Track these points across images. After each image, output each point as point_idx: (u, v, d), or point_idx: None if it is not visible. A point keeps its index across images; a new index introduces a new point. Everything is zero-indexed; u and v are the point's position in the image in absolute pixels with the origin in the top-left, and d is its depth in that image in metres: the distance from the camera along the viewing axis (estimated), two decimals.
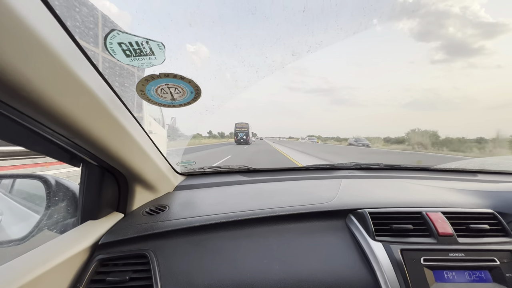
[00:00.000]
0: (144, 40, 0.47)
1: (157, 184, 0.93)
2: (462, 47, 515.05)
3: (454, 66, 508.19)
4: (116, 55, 0.49)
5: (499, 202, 0.83)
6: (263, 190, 1.03)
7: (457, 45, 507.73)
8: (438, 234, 0.69)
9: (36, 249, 0.58)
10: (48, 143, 0.56)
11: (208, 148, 19.08)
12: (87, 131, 0.50)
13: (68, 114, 0.44)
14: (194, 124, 0.90)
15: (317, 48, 0.64)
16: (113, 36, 0.45)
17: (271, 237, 0.73)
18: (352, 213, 0.79)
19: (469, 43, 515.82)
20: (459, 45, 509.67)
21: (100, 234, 0.69)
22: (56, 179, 0.76)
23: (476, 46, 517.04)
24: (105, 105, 0.52)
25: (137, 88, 0.59)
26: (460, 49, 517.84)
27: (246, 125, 29.22)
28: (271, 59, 0.69)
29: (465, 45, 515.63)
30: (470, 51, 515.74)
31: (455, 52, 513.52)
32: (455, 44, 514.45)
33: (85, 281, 0.60)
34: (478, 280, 0.62)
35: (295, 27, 0.89)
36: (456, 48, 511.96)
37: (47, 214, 0.72)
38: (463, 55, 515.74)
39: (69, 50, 0.43)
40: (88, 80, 0.46)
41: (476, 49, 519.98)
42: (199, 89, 0.63)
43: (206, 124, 19.26)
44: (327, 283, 0.62)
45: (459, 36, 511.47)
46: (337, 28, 0.60)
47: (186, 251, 0.69)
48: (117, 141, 0.61)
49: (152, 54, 0.50)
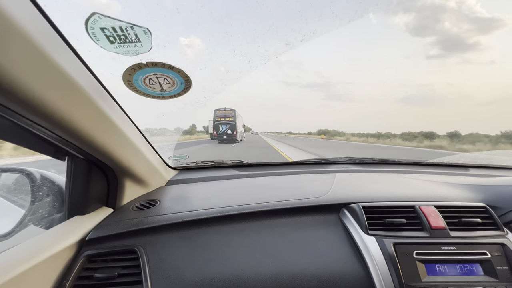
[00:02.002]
0: (128, 25, 0.44)
1: (148, 179, 0.91)
2: (457, 42, 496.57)
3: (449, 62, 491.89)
4: (99, 41, 0.46)
5: (491, 195, 0.83)
6: (256, 185, 1.02)
7: (452, 40, 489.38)
8: (430, 227, 0.69)
9: (20, 244, 0.56)
10: (29, 135, 0.53)
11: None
12: (68, 122, 0.48)
13: (45, 102, 0.41)
14: (186, 117, 0.87)
15: (311, 37, 0.63)
16: (95, 21, 0.42)
17: (264, 232, 0.72)
18: (345, 207, 0.79)
19: (464, 38, 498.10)
20: (454, 40, 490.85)
21: (88, 229, 0.67)
22: (41, 173, 0.73)
23: (471, 42, 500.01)
24: (88, 94, 0.49)
25: (123, 77, 0.57)
26: (456, 45, 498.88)
27: (232, 112, 18.96)
28: (264, 48, 0.67)
29: (461, 40, 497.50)
30: (465, 46, 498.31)
31: (450, 48, 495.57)
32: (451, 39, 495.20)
33: (72, 277, 0.58)
34: (469, 273, 0.63)
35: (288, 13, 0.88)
36: (452, 43, 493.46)
37: (32, 209, 0.69)
38: (458, 50, 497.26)
39: (47, 33, 0.41)
40: (68, 67, 0.44)
41: (471, 44, 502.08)
42: (189, 79, 0.61)
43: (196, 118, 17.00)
44: (319, 277, 0.61)
45: (454, 31, 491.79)
46: (332, 16, 0.58)
47: (177, 246, 0.67)
48: (102, 133, 0.59)
49: (138, 41, 0.47)
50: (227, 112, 19.03)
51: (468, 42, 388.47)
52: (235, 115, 18.78)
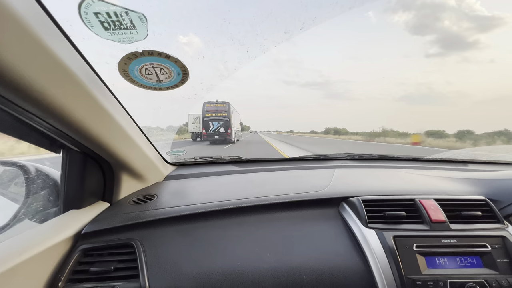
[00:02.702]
0: (123, 10, 0.42)
1: (146, 173, 0.90)
2: (457, 40, 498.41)
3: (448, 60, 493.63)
4: (93, 27, 0.44)
5: (491, 189, 0.83)
6: (255, 180, 1.01)
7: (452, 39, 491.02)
8: (430, 221, 0.68)
9: (14, 238, 0.55)
10: (22, 125, 0.52)
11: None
12: (60, 109, 0.46)
13: (35, 86, 0.40)
14: (182, 111, 0.85)
15: (311, 25, 0.61)
16: (88, 5, 0.40)
17: (262, 226, 0.72)
18: (345, 201, 0.78)
19: (464, 36, 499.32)
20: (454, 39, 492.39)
21: (84, 223, 0.66)
22: (35, 166, 0.72)
23: (471, 40, 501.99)
24: (81, 82, 0.48)
25: (119, 67, 0.55)
26: (455, 43, 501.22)
27: (226, 106, 14.76)
28: (263, 37, 0.66)
29: (460, 38, 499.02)
30: (465, 45, 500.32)
31: (450, 46, 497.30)
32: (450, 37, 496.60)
33: (67, 271, 0.57)
34: (469, 265, 0.62)
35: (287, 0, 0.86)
36: (451, 41, 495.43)
37: (27, 203, 0.68)
38: (458, 49, 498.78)
39: (41, 20, 0.39)
40: (61, 54, 0.42)
41: (471, 43, 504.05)
42: (187, 70, 0.59)
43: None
44: (319, 270, 0.61)
45: (454, 30, 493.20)
46: (332, 2, 0.57)
47: (174, 240, 0.66)
48: (98, 124, 0.58)
49: (133, 28, 0.46)
50: (219, 106, 14.70)
51: (468, 40, 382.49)
52: (229, 110, 14.61)
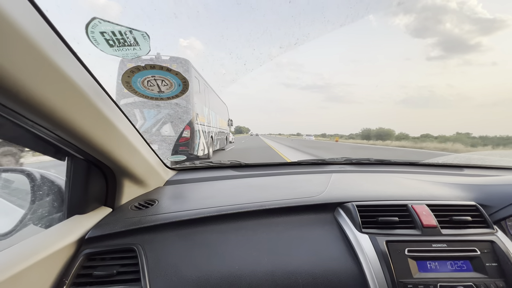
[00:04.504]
0: (127, 29, 0.45)
1: (146, 179, 0.92)
2: (458, 43, 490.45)
3: (449, 63, 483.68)
4: (98, 45, 0.47)
5: (482, 194, 0.85)
6: (253, 185, 1.03)
7: (453, 42, 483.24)
8: (422, 226, 0.70)
9: (20, 243, 0.57)
10: (30, 135, 0.54)
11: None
12: (68, 122, 0.49)
13: (47, 103, 0.43)
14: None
15: (305, 41, 0.64)
16: (95, 25, 0.43)
17: (260, 230, 0.74)
18: (340, 206, 0.80)
19: (465, 39, 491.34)
20: (455, 42, 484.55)
21: (87, 228, 0.68)
22: (41, 173, 0.74)
23: (473, 43, 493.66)
24: (87, 95, 0.51)
25: (122, 80, 0.58)
26: (457, 46, 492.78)
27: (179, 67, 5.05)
28: (259, 52, 0.69)
29: (462, 41, 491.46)
30: (466, 47, 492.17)
31: (451, 49, 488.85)
32: (452, 40, 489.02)
33: (71, 275, 0.59)
34: (459, 269, 0.64)
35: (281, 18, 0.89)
36: (453, 44, 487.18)
37: (32, 208, 0.70)
38: (460, 51, 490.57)
39: (48, 38, 0.42)
40: (68, 69, 0.45)
41: (472, 45, 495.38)
42: (187, 81, 0.62)
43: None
44: (314, 274, 0.63)
45: (456, 32, 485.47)
46: (324, 21, 0.59)
47: (175, 245, 0.68)
48: (101, 133, 0.60)
49: (137, 44, 0.49)
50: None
51: (470, 43, 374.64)
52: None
